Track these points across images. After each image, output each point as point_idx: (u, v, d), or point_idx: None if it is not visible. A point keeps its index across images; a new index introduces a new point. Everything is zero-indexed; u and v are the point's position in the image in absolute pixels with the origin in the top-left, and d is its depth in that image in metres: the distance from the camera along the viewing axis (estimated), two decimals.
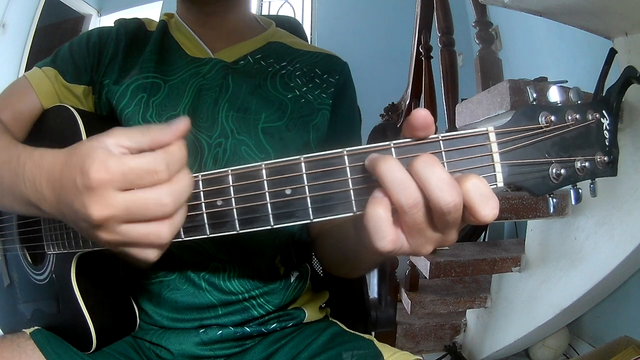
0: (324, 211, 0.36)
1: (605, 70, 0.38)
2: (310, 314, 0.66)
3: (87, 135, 0.54)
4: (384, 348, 0.58)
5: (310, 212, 0.36)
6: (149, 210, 0.35)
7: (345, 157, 0.35)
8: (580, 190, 0.37)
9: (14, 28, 2.65)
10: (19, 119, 0.63)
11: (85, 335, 0.53)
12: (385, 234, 0.33)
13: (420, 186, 0.32)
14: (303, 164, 0.36)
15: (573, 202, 0.36)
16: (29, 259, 0.65)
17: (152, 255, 0.38)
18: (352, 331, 0.64)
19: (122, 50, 0.65)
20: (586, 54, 1.73)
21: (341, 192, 0.36)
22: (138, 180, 0.34)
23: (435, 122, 0.37)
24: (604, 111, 0.36)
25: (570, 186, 0.36)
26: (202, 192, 0.38)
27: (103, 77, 0.64)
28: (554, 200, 0.36)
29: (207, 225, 0.39)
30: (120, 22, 0.68)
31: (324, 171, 0.36)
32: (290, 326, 0.64)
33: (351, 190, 0.35)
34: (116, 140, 0.36)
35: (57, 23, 3.19)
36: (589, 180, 0.37)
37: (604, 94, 0.37)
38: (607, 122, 0.36)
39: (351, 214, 0.36)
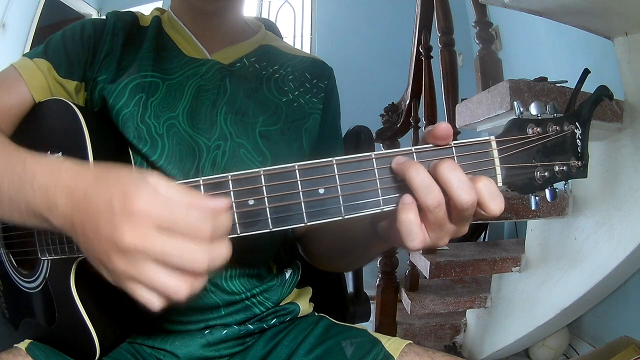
0: (354, 209, 0.39)
1: (578, 87, 0.43)
2: (303, 307, 0.68)
3: (90, 134, 0.51)
4: (379, 336, 0.60)
5: (342, 210, 0.39)
6: (182, 260, 0.33)
7: (374, 160, 0.39)
8: (557, 190, 0.42)
9: (14, 28, 2.65)
10: (7, 114, 0.58)
11: (86, 344, 0.51)
12: (416, 236, 0.38)
13: (443, 187, 0.37)
14: (335, 166, 0.39)
15: (549, 200, 0.41)
16: (16, 265, 0.60)
17: (156, 303, 0.34)
18: (342, 323, 0.66)
19: (119, 46, 0.63)
20: (586, 54, 1.73)
21: (370, 191, 0.39)
22: (180, 230, 0.33)
23: (436, 122, 0.39)
24: (577, 123, 0.41)
25: (548, 186, 0.42)
26: (232, 192, 0.39)
27: (97, 73, 0.61)
28: (537, 198, 0.42)
29: (237, 225, 0.39)
30: (115, 15, 0.65)
31: (355, 172, 0.39)
32: (288, 320, 0.65)
33: (379, 190, 0.39)
34: (160, 181, 0.35)
35: (57, 23, 3.18)
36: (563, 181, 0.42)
37: (578, 108, 0.42)
38: (579, 132, 0.41)
39: (379, 210, 0.40)
